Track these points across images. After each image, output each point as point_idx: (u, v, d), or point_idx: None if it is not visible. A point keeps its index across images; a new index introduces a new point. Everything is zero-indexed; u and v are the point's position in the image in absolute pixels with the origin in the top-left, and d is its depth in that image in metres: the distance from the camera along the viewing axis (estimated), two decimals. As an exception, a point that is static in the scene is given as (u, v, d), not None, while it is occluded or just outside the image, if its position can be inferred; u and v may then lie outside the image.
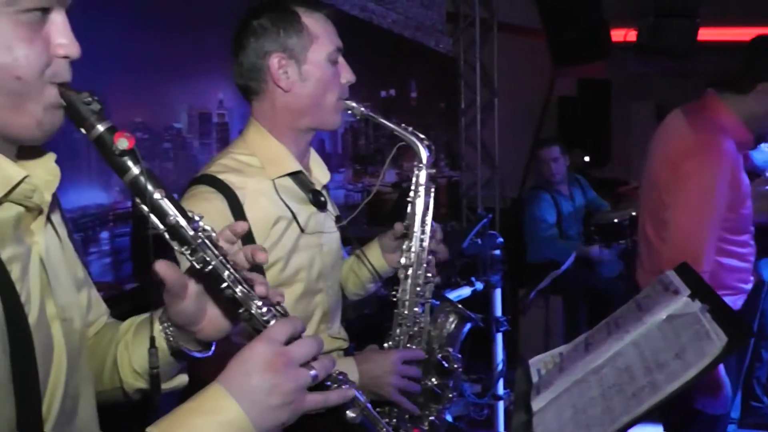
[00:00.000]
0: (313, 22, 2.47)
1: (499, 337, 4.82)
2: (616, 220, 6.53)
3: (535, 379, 2.27)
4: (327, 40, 2.47)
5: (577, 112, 9.88)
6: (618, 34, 8.78)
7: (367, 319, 4.48)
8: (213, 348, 1.74)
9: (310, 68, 2.46)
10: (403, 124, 2.58)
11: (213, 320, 1.64)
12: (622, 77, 10.48)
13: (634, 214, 6.33)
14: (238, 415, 1.37)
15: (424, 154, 2.58)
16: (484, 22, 8.21)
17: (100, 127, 1.40)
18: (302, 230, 2.51)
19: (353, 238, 2.76)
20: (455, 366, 2.75)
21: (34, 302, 1.46)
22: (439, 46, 8.08)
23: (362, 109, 2.54)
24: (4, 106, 1.36)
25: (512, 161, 8.81)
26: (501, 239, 5.03)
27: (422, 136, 2.59)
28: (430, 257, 2.63)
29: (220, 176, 2.40)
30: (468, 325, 2.85)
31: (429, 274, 2.64)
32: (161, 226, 1.45)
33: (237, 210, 2.35)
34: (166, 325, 1.66)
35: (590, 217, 6.85)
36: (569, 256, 6.12)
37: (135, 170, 1.42)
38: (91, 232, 4.78)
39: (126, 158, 1.41)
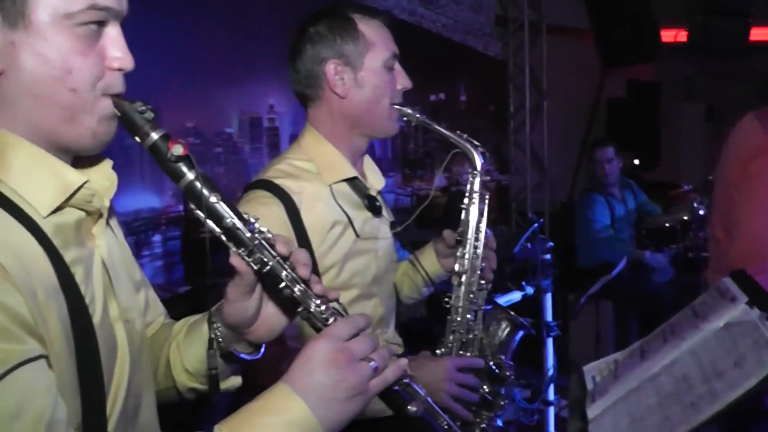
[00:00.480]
0: (369, 28, 2.48)
1: (550, 342, 4.80)
2: (667, 225, 6.45)
3: (589, 386, 2.25)
4: (383, 47, 2.49)
5: (627, 114, 9.77)
6: (668, 35, 8.70)
7: (418, 324, 4.49)
8: (263, 351, 1.76)
9: (366, 75, 2.48)
10: (457, 131, 2.58)
11: (266, 321, 1.67)
12: (671, 78, 10.36)
13: (686, 218, 6.27)
14: (304, 414, 1.39)
15: (478, 161, 2.58)
16: (532, 25, 8.16)
17: (155, 135, 1.43)
18: (358, 235, 2.53)
19: (406, 242, 2.77)
20: (507, 373, 2.74)
21: (98, 303, 1.50)
22: (487, 50, 8.06)
23: (417, 115, 2.55)
24: (59, 117, 1.40)
25: (561, 164, 8.75)
26: (551, 243, 5.01)
27: (477, 143, 2.60)
28: (483, 264, 2.62)
29: (277, 181, 2.43)
30: (520, 333, 2.84)
31: (482, 281, 2.64)
32: (218, 229, 1.48)
33: (294, 215, 2.38)
34: (216, 326, 1.68)
35: (641, 222, 6.76)
36: (621, 257, 6.05)
37: (190, 175, 1.45)
38: (144, 236, 4.85)
39: (181, 164, 1.44)
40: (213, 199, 1.46)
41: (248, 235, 1.48)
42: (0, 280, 1.23)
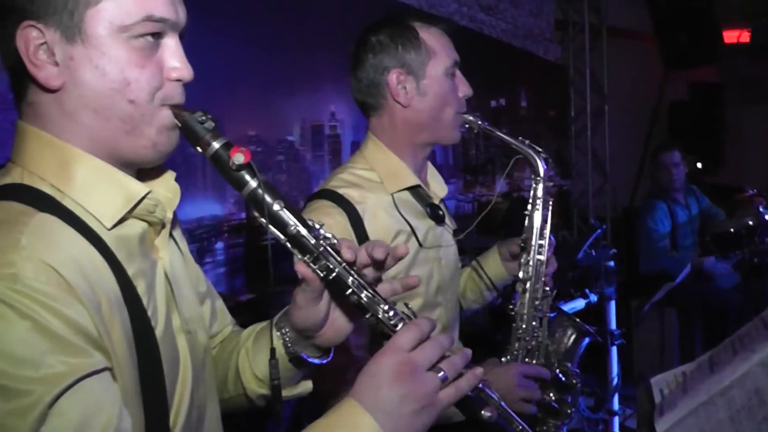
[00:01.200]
0: (431, 36, 2.48)
1: (614, 350, 4.75)
2: (732, 230, 6.34)
3: (657, 399, 2.22)
4: (444, 55, 2.48)
5: (689, 117, 9.64)
6: (731, 36, 8.57)
7: (481, 331, 4.47)
8: (332, 354, 1.76)
9: (428, 83, 2.47)
10: (520, 138, 2.57)
11: (334, 324, 1.67)
12: (734, 80, 10.18)
13: (751, 223, 6.16)
14: (373, 429, 1.38)
15: (541, 167, 2.57)
16: (593, 28, 8.12)
17: (216, 145, 1.44)
18: (421, 244, 2.52)
19: (467, 248, 2.76)
20: (574, 381, 2.72)
21: (161, 315, 1.51)
22: (548, 54, 8.01)
23: (480, 122, 2.55)
24: (119, 129, 1.42)
25: (623, 168, 8.67)
26: (614, 250, 4.96)
27: (539, 149, 2.58)
28: (548, 270, 2.62)
29: (340, 191, 2.43)
30: (586, 340, 2.82)
31: (546, 288, 2.63)
32: (282, 237, 1.48)
33: (357, 224, 2.37)
34: (284, 331, 1.69)
35: (705, 227, 6.66)
36: (682, 267, 5.96)
37: (252, 183, 1.45)
38: (207, 243, 4.90)
39: (243, 172, 1.44)
40: (276, 206, 1.46)
41: (313, 241, 1.47)
42: (65, 294, 1.25)
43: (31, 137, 1.43)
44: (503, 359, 2.66)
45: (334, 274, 1.49)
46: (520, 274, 2.61)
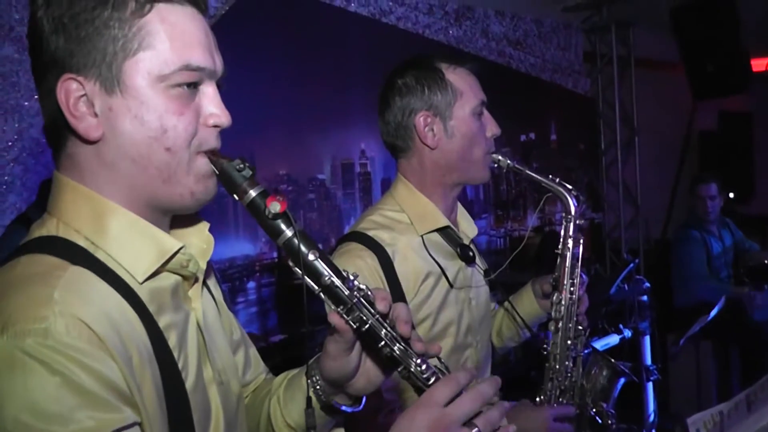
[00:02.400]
0: (457, 77, 2.49)
1: (650, 386, 4.70)
2: (767, 261, 6.28)
3: (695, 440, 2.20)
4: (471, 95, 2.49)
5: (719, 147, 9.59)
6: (759, 64, 8.53)
7: (514, 368, 4.44)
8: (363, 402, 1.75)
9: (456, 124, 2.48)
10: (550, 176, 2.57)
11: (365, 374, 1.66)
12: (764, 108, 10.12)
13: (785, 254, 6.11)
14: None
15: (572, 205, 2.57)
16: (621, 60, 8.10)
17: (253, 193, 1.45)
18: (451, 285, 2.52)
19: (498, 285, 2.75)
20: (609, 422, 2.70)
21: (192, 367, 1.52)
22: (576, 87, 8.02)
23: (509, 161, 2.54)
24: (157, 178, 1.44)
25: (655, 200, 8.61)
26: (647, 284, 4.91)
27: (570, 186, 2.58)
28: (580, 309, 2.60)
29: (370, 233, 2.44)
30: (622, 380, 2.79)
31: (580, 327, 2.61)
32: (316, 287, 1.48)
33: (388, 267, 2.38)
34: (315, 379, 1.69)
35: (739, 260, 6.60)
36: (718, 296, 5.90)
37: (288, 233, 1.46)
38: (239, 283, 4.94)
39: (279, 221, 1.45)
40: (311, 256, 1.46)
41: (347, 292, 1.48)
42: (96, 349, 1.26)
43: (68, 189, 1.44)
44: (537, 399, 2.64)
45: (367, 326, 1.49)
46: (552, 313, 2.60)
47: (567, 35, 7.92)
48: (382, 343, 1.50)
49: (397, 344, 1.50)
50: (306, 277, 1.48)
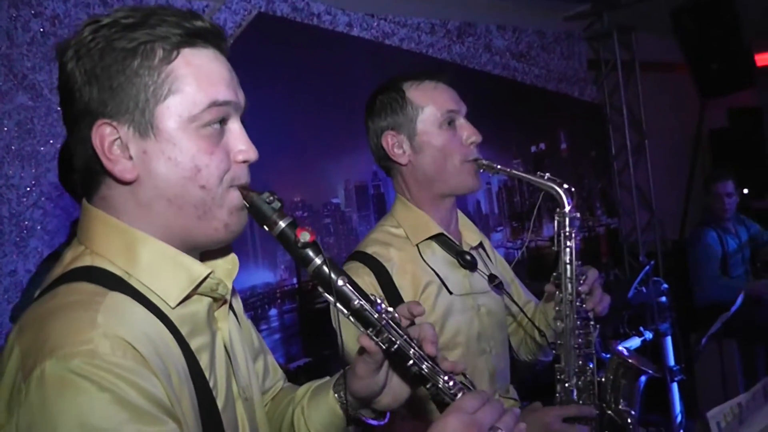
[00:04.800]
0: (419, 93, 2.54)
1: (675, 387, 4.70)
2: (785, 253, 6.28)
3: (715, 432, 2.23)
4: (434, 108, 2.53)
5: (731, 144, 9.57)
6: (763, 59, 8.54)
7: (539, 376, 4.45)
8: (388, 416, 1.83)
9: (422, 138, 2.53)
10: (538, 173, 2.53)
11: (392, 390, 1.74)
12: (773, 102, 10.11)
13: (802, 245, 6.11)
14: None
15: (564, 199, 2.51)
16: (625, 65, 8.14)
17: (282, 224, 1.52)
18: (450, 292, 2.55)
19: (505, 292, 2.71)
20: (628, 421, 2.69)
21: (221, 386, 1.58)
22: (583, 95, 8.06)
23: (493, 164, 2.54)
24: (192, 215, 1.50)
25: (669, 202, 8.61)
26: (666, 285, 4.92)
27: (559, 180, 2.53)
28: (583, 306, 2.53)
29: (369, 250, 2.52)
30: (643, 379, 2.78)
31: (591, 323, 2.56)
32: (345, 311, 1.55)
33: (385, 281, 2.45)
34: (341, 394, 1.76)
35: (756, 254, 6.59)
36: (735, 294, 5.88)
37: (317, 260, 1.53)
38: (261, 311, 4.97)
39: (308, 250, 1.52)
40: (340, 282, 1.54)
41: (375, 315, 1.54)
42: (140, 367, 1.31)
43: (98, 221, 1.50)
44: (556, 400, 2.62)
45: (395, 347, 1.56)
46: (557, 313, 2.55)
47: (570, 44, 7.98)
48: (411, 362, 1.57)
49: (425, 363, 1.58)
50: (337, 303, 1.55)
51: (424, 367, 1.58)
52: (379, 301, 1.57)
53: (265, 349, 1.98)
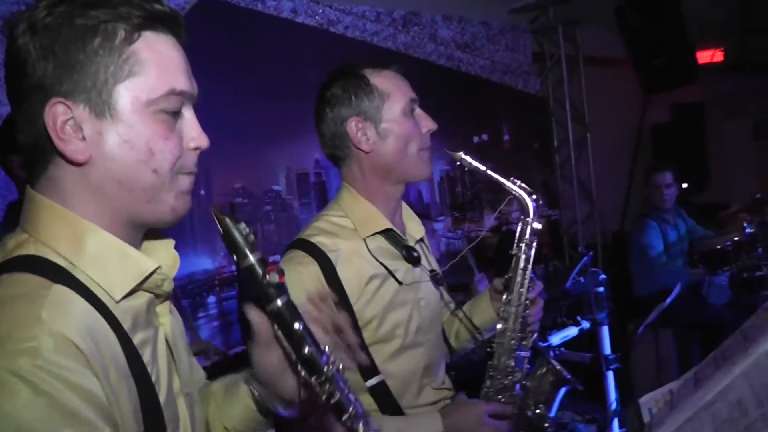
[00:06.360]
0: (383, 80, 2.53)
1: (611, 375, 4.74)
2: (719, 247, 6.38)
3: (646, 418, 2.25)
4: (399, 95, 2.53)
5: (672, 138, 9.70)
6: (704, 56, 8.67)
7: (477, 367, 4.48)
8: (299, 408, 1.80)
9: (387, 125, 2.52)
10: (512, 178, 2.57)
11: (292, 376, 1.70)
12: (714, 98, 10.26)
13: (737, 238, 6.21)
14: None
15: (531, 208, 2.55)
16: (569, 58, 8.22)
17: (252, 259, 1.48)
18: (400, 283, 2.56)
19: (446, 285, 2.74)
20: (545, 425, 2.72)
21: (163, 382, 1.56)
22: (527, 87, 8.12)
23: (471, 162, 2.55)
24: (141, 199, 1.47)
25: (610, 194, 8.72)
26: (604, 276, 4.96)
27: (530, 189, 2.57)
28: (527, 312, 2.59)
29: (313, 239, 2.49)
30: (565, 388, 2.80)
31: (528, 328, 2.61)
32: (294, 356, 1.54)
33: (330, 272, 2.43)
34: (254, 386, 1.75)
35: (692, 247, 6.71)
36: (680, 280, 5.94)
37: (279, 302, 1.50)
38: (199, 298, 4.93)
39: (272, 289, 1.50)
40: (297, 325, 1.52)
41: (324, 367, 1.53)
42: (82, 367, 1.28)
43: (44, 209, 1.46)
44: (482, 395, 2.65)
45: (335, 399, 1.55)
46: (501, 313, 2.60)
47: (515, 36, 8.02)
48: (346, 416, 1.57)
49: (361, 422, 1.59)
50: (290, 345, 1.53)
51: (360, 427, 1.59)
52: (329, 351, 1.55)
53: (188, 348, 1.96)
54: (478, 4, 7.45)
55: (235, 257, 1.51)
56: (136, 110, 1.43)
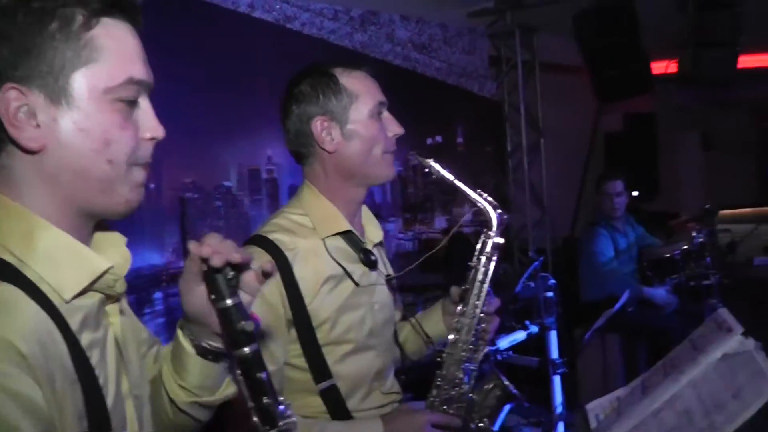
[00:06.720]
0: (352, 81, 2.50)
1: (557, 379, 4.77)
2: (667, 255, 6.47)
3: (593, 424, 2.26)
4: (368, 97, 2.51)
5: (624, 147, 9.82)
6: (659, 67, 8.76)
7: (427, 369, 4.47)
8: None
9: (353, 127, 2.49)
10: (478, 190, 2.52)
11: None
12: (667, 109, 10.40)
13: (685, 247, 6.28)
14: None
15: (495, 222, 2.51)
16: (526, 64, 8.26)
17: (229, 302, 1.48)
18: (357, 284, 2.53)
19: (409, 286, 2.74)
20: None
21: (111, 384, 1.53)
22: (483, 91, 8.13)
23: (440, 168, 2.49)
24: (95, 189, 1.44)
25: (561, 200, 8.78)
26: (553, 281, 4.99)
27: (495, 203, 2.52)
28: (481, 326, 2.56)
29: (271, 236, 2.45)
30: (509, 405, 2.78)
31: (481, 341, 2.58)
32: (253, 403, 1.52)
33: (286, 270, 2.40)
34: (188, 326, 1.70)
35: (642, 254, 6.78)
36: (628, 287, 6.00)
37: (247, 350, 1.49)
38: (145, 293, 4.86)
39: (244, 337, 1.49)
40: (262, 375, 1.51)
41: (279, 421, 1.52)
42: (20, 372, 1.25)
43: None
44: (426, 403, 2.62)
45: None
46: (454, 324, 2.56)
47: (472, 40, 8.03)
48: None
49: None
50: (250, 392, 1.52)
51: None
52: (287, 403, 1.55)
53: (154, 338, 1.92)
54: (437, 6, 7.45)
55: (212, 297, 1.50)
56: (93, 98, 1.41)
